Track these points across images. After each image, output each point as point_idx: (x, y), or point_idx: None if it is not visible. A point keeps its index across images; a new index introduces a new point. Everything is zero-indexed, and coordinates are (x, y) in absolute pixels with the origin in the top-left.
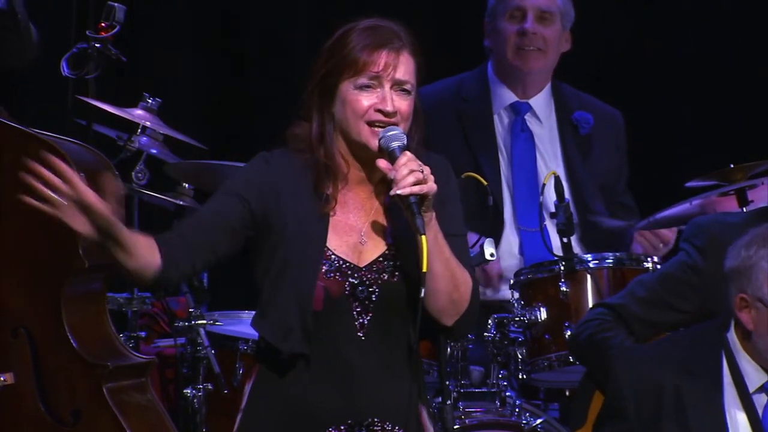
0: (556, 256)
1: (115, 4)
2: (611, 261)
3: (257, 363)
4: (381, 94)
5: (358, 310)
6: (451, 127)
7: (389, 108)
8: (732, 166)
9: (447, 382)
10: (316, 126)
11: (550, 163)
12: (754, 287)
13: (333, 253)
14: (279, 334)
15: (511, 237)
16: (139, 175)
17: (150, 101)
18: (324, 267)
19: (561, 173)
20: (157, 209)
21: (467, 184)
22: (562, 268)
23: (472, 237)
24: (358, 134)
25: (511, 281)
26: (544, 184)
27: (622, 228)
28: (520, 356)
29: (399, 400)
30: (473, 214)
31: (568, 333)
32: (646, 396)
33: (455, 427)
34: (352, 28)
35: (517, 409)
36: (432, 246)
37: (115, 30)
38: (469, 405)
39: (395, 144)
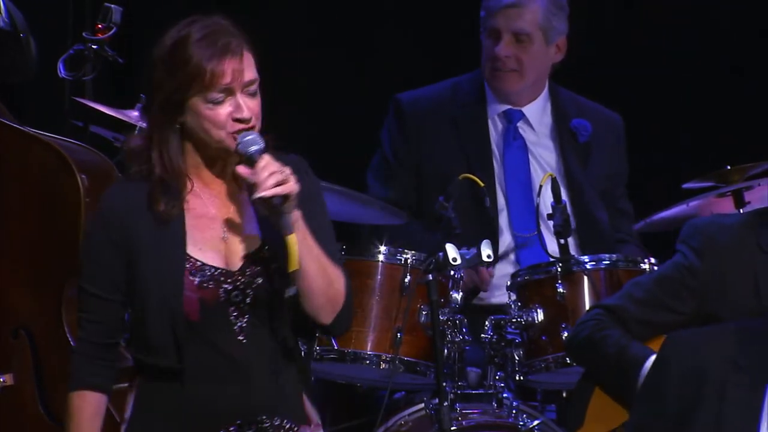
0: (553, 257)
1: (112, 6)
2: (608, 262)
3: (137, 375)
4: (234, 101)
5: (235, 314)
6: (445, 132)
7: (246, 115)
8: (729, 167)
9: (444, 384)
10: (154, 140)
11: (546, 169)
12: None
13: (201, 262)
14: (152, 353)
15: (506, 242)
16: None
17: None
18: (196, 279)
19: (560, 181)
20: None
21: (464, 186)
22: (558, 269)
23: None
24: (219, 141)
25: (508, 283)
26: (541, 186)
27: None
28: (517, 358)
29: (285, 395)
30: (469, 216)
31: (565, 334)
32: (690, 382)
33: (452, 428)
34: (187, 38)
35: (514, 411)
36: (302, 246)
37: (111, 31)
38: (466, 406)
39: (253, 148)
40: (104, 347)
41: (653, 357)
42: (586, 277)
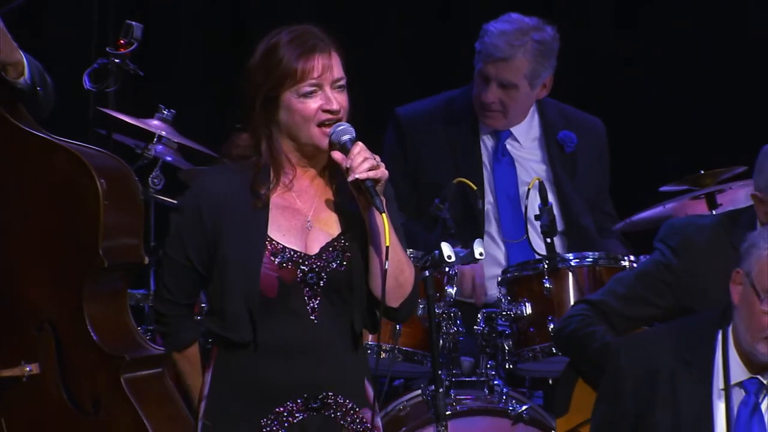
0: (540, 255)
1: (133, 23)
2: (591, 260)
3: (214, 351)
4: (324, 95)
5: (309, 294)
6: (439, 146)
7: (335, 107)
8: (702, 172)
9: (439, 372)
10: (261, 136)
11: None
12: (747, 263)
13: (282, 244)
14: (229, 328)
15: (496, 248)
16: (155, 180)
17: (165, 112)
18: (277, 259)
19: (549, 190)
20: (172, 212)
21: (458, 189)
22: (545, 266)
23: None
24: (309, 137)
25: (499, 278)
26: (529, 189)
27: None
28: (507, 348)
29: (349, 377)
30: (461, 217)
31: (552, 326)
32: (644, 379)
33: (447, 413)
34: (278, 42)
35: (504, 397)
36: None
37: (133, 47)
38: (459, 393)
39: (346, 137)
40: (181, 306)
41: None
42: (570, 274)
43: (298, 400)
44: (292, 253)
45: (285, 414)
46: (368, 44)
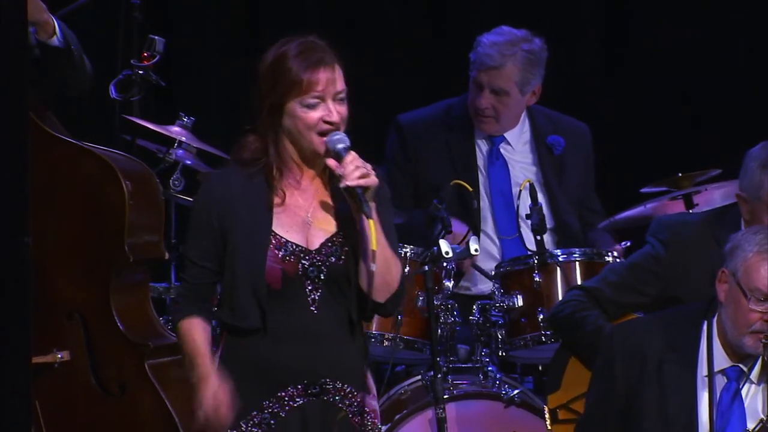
0: (531, 251)
1: (156, 38)
2: (578, 255)
3: (223, 336)
4: (325, 107)
5: (310, 287)
6: (438, 151)
7: (335, 118)
8: (680, 174)
9: (438, 359)
10: (268, 138)
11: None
12: (733, 264)
13: (285, 239)
14: (238, 316)
15: (492, 244)
16: (176, 182)
17: (185, 120)
18: (281, 252)
19: (539, 190)
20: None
21: (455, 190)
22: (535, 261)
23: (461, 227)
24: (309, 144)
25: (492, 272)
26: (520, 191)
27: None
28: (500, 336)
29: (348, 363)
30: (459, 215)
31: (541, 317)
32: (633, 363)
33: (445, 396)
34: (286, 53)
35: (497, 382)
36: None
37: (155, 59)
38: (456, 378)
39: (340, 146)
40: (199, 301)
41: None
42: (558, 268)
43: (299, 386)
44: (294, 247)
45: (286, 398)
46: (372, 58)
